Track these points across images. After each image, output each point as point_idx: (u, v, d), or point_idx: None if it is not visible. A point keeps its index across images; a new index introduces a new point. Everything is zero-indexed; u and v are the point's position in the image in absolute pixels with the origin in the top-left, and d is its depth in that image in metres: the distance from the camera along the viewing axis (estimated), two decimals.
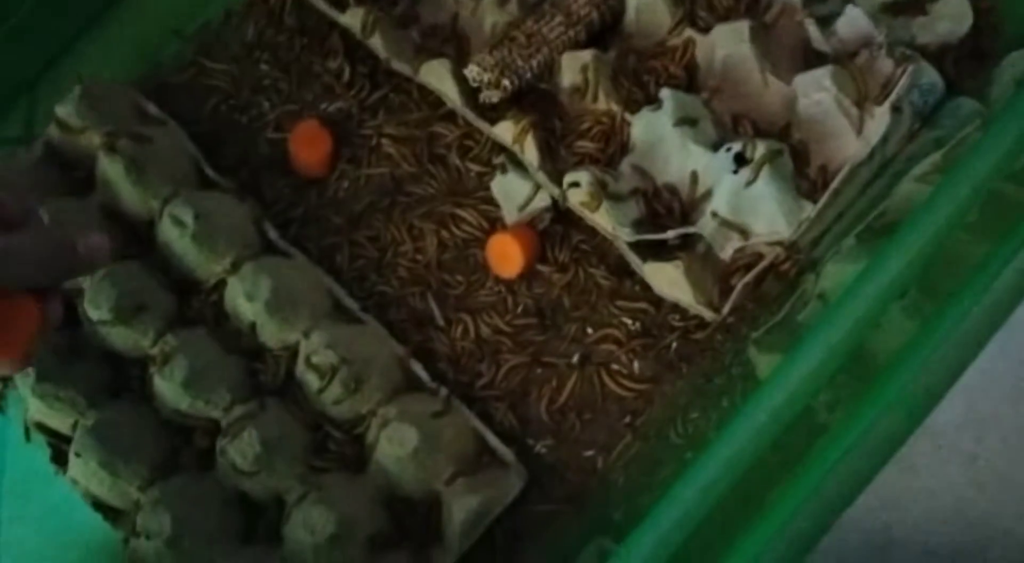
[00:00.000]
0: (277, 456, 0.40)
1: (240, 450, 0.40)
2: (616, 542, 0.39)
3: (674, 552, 0.29)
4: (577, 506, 0.43)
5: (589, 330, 0.45)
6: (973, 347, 0.29)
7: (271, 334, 0.43)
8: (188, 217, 0.43)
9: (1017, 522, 0.43)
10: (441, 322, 0.46)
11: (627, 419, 0.44)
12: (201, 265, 0.44)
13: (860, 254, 0.36)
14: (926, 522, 0.43)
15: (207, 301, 0.45)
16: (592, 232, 0.44)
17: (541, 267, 0.46)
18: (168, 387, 0.41)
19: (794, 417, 0.27)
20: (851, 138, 0.39)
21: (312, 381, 0.41)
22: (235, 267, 0.44)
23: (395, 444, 0.40)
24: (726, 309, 0.39)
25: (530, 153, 0.42)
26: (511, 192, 0.45)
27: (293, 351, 0.43)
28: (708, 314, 0.40)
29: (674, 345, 0.44)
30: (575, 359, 0.45)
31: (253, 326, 0.43)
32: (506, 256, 0.45)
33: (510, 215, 0.45)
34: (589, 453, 0.44)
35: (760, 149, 0.38)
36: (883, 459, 0.28)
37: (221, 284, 0.44)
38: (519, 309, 0.46)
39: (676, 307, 0.43)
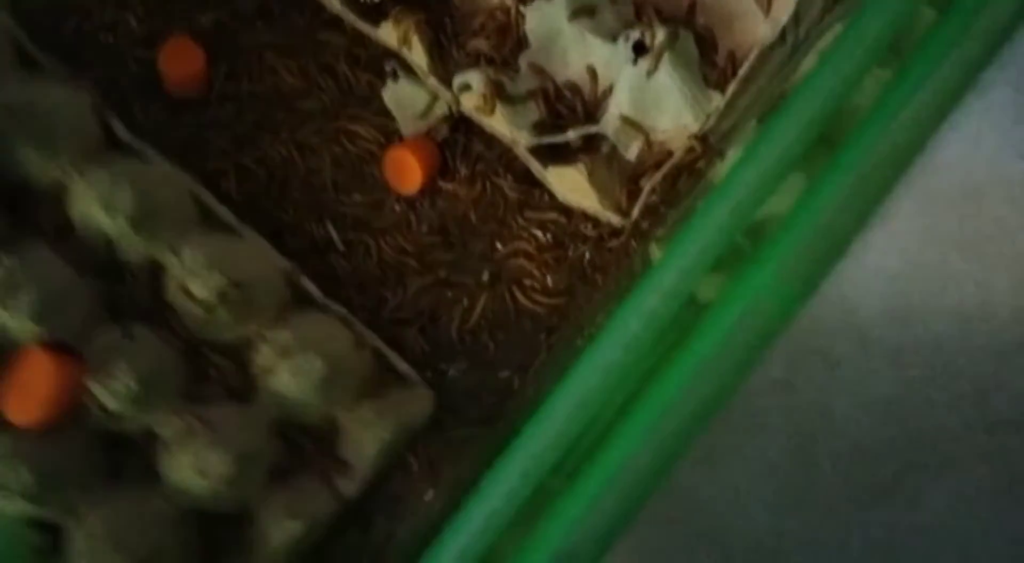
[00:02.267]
0: (154, 392, 0.37)
1: (112, 391, 0.36)
2: None
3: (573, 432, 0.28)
4: (494, 427, 0.41)
5: (498, 245, 0.42)
6: (870, 204, 0.27)
7: (135, 251, 0.39)
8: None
9: (947, 415, 0.42)
10: (341, 246, 0.43)
11: (542, 336, 0.42)
12: (33, 165, 0.38)
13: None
14: (853, 418, 0.41)
15: (44, 210, 0.39)
16: (494, 140, 0.41)
17: (443, 182, 0.43)
18: (13, 320, 0.37)
19: (679, 301, 0.26)
20: (759, 19, 0.36)
21: (189, 304, 0.38)
22: (77, 169, 0.38)
23: (301, 375, 0.38)
24: (635, 213, 0.37)
25: (418, 56, 0.39)
26: (405, 101, 0.41)
27: (159, 268, 0.39)
28: (616, 219, 0.37)
29: (587, 255, 0.42)
30: (485, 277, 0.42)
31: (109, 241, 0.38)
32: (404, 171, 0.42)
33: (406, 126, 0.42)
34: (505, 374, 0.42)
35: (659, 36, 0.35)
36: (775, 331, 0.27)
37: (60, 190, 0.39)
38: (423, 227, 0.43)
39: (588, 216, 0.41)
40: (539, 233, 0.42)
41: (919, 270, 0.42)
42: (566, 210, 0.41)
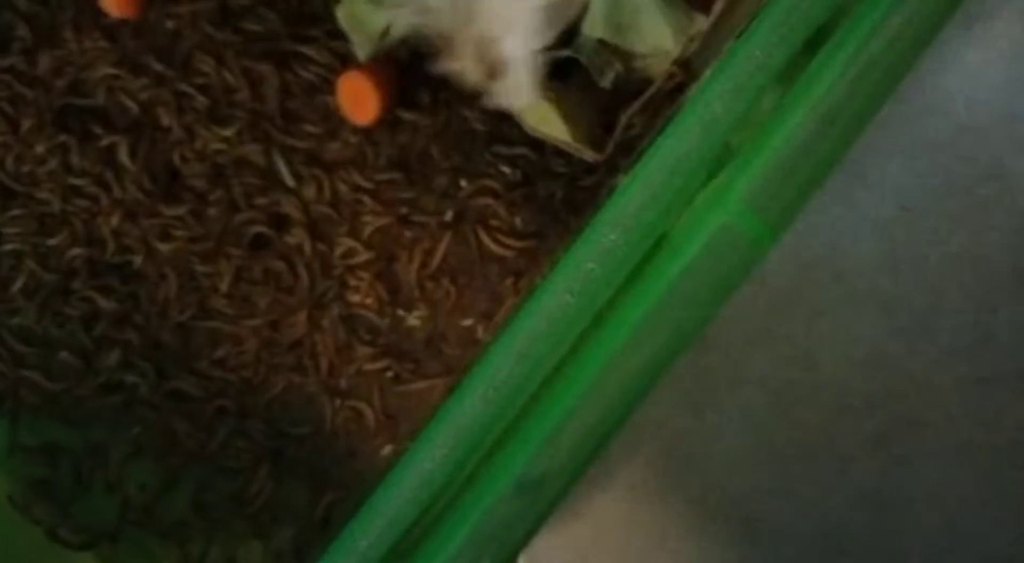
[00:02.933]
0: None
1: None
2: None
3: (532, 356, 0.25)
4: (456, 378, 0.38)
5: (463, 182, 0.39)
6: (852, 127, 0.24)
7: None
8: None
9: (935, 370, 0.40)
10: (291, 182, 0.39)
11: (509, 281, 0.39)
12: None
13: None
14: (838, 371, 0.39)
15: None
16: None
17: (404, 112, 0.39)
18: None
19: (640, 233, 0.23)
20: None
21: None
22: None
23: None
24: (610, 147, 0.34)
25: None
26: (361, 21, 0.37)
27: None
28: (589, 154, 0.34)
29: (559, 194, 0.38)
30: (448, 216, 0.39)
31: None
32: (360, 99, 0.38)
33: (362, 49, 0.38)
34: (468, 322, 0.39)
35: None
36: (747, 262, 0.23)
37: None
38: (381, 162, 0.39)
39: (560, 152, 0.37)
40: (507, 169, 0.39)
41: (912, 216, 0.39)
42: (537, 145, 0.38)
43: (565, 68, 0.34)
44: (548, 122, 0.34)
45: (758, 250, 0.24)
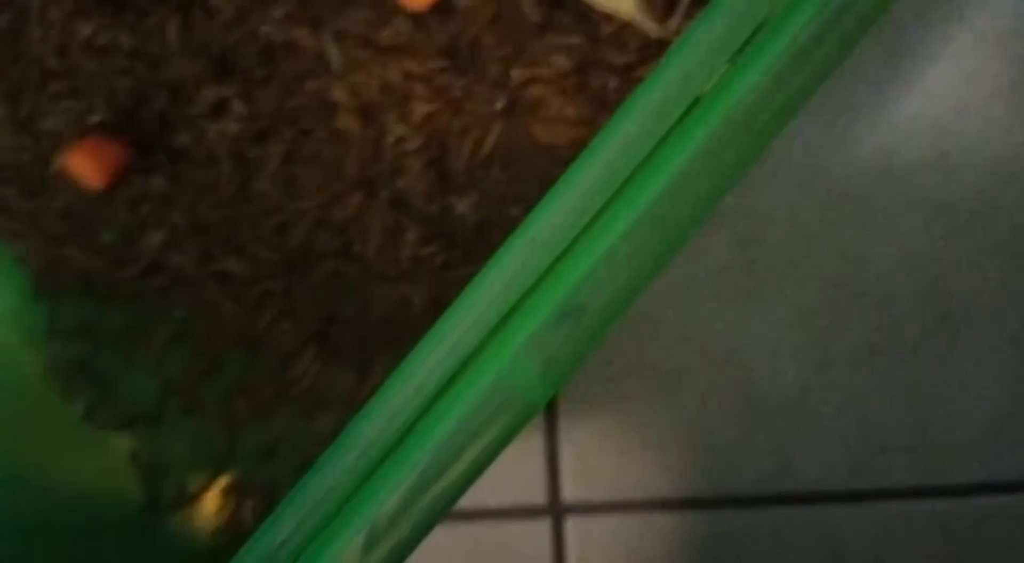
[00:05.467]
0: None
1: None
2: None
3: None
4: None
5: (515, 71, 0.39)
6: None
7: None
8: None
9: (983, 269, 0.40)
10: (341, 67, 0.39)
11: (559, 170, 0.39)
12: None
13: None
14: (887, 269, 0.39)
15: None
16: None
17: None
18: None
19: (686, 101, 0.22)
20: None
21: None
22: None
23: None
24: (673, 23, 0.33)
25: None
26: None
27: None
28: (652, 28, 0.34)
29: (612, 84, 0.38)
30: (499, 105, 0.39)
31: None
32: None
33: None
34: (517, 210, 0.39)
35: None
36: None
37: None
38: (432, 49, 0.39)
39: (616, 41, 0.37)
40: (560, 58, 0.38)
41: (962, 116, 0.39)
42: (592, 33, 0.38)
43: None
44: None
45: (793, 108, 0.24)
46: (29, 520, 0.36)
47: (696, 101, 0.25)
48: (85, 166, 0.38)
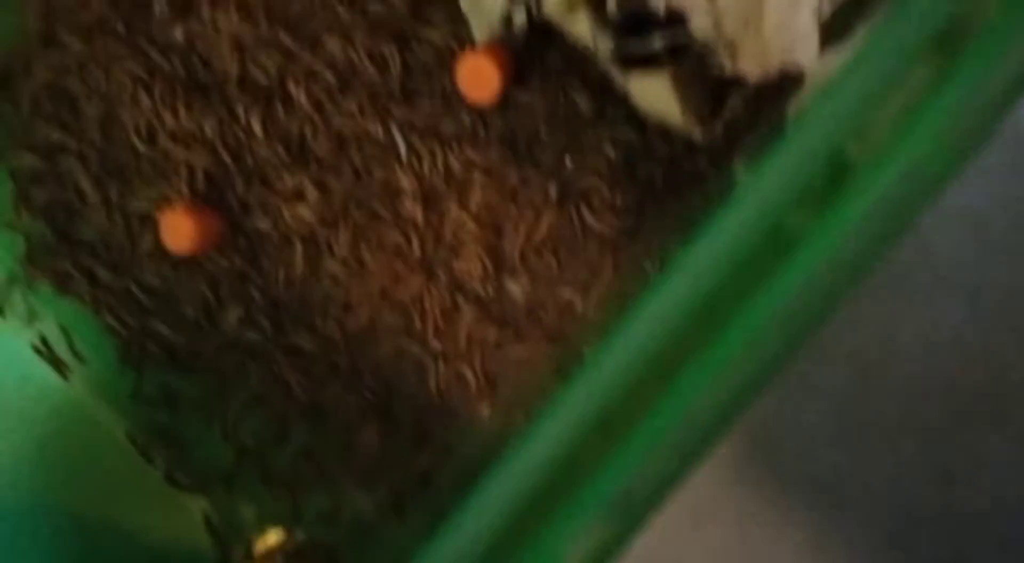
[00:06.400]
0: None
1: None
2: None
3: (643, 360, 0.26)
4: (554, 347, 0.40)
5: (568, 162, 0.41)
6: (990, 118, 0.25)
7: None
8: None
9: (1017, 361, 0.41)
10: (407, 155, 0.42)
11: (609, 257, 0.41)
12: None
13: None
14: (920, 356, 0.40)
15: None
16: (572, 52, 0.40)
17: (516, 92, 0.41)
18: None
19: (764, 227, 0.24)
20: None
21: None
22: None
23: None
24: (718, 127, 0.36)
25: None
26: (481, 6, 0.40)
27: None
28: (697, 133, 0.36)
29: (659, 176, 0.40)
30: (552, 193, 0.41)
31: None
32: (480, 78, 0.40)
33: (480, 32, 0.41)
34: (567, 293, 0.41)
35: None
36: (870, 258, 0.25)
37: None
38: (491, 138, 0.42)
39: (663, 135, 0.39)
40: (611, 151, 0.41)
41: (1003, 209, 0.41)
42: (641, 128, 0.40)
43: (683, 46, 0.36)
44: (661, 100, 0.36)
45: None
46: None
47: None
48: (177, 231, 0.41)
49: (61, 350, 0.43)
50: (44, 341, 0.43)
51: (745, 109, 0.36)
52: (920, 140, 0.26)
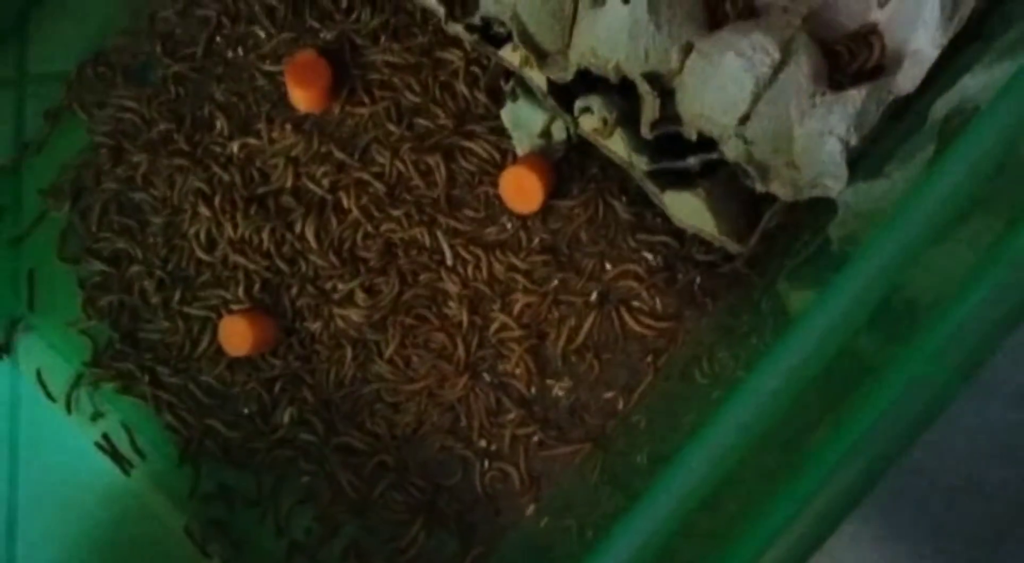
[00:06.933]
0: None
1: None
2: (642, 485, 0.37)
3: (707, 495, 0.27)
4: (598, 448, 0.41)
5: (608, 266, 0.43)
6: None
7: None
8: None
9: None
10: (452, 261, 0.43)
11: (649, 358, 0.42)
12: None
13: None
14: (967, 458, 0.41)
15: None
16: (609, 162, 0.41)
17: (556, 201, 0.43)
18: None
19: (833, 356, 0.25)
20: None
21: None
22: None
23: None
24: (753, 240, 0.37)
25: (539, 78, 0.39)
26: (522, 120, 0.42)
27: None
28: (733, 246, 0.37)
29: (698, 280, 0.42)
30: (593, 297, 0.42)
31: None
32: (523, 190, 0.42)
33: (521, 145, 0.43)
34: (609, 395, 0.42)
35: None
36: (942, 401, 0.25)
37: None
38: (534, 245, 0.43)
39: (700, 240, 0.41)
40: (649, 256, 0.42)
41: None
42: (678, 233, 0.41)
43: (715, 164, 0.38)
44: (696, 215, 0.37)
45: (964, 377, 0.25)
46: None
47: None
48: (234, 335, 0.43)
49: (123, 447, 0.45)
50: (107, 438, 0.45)
51: (781, 217, 0.37)
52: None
